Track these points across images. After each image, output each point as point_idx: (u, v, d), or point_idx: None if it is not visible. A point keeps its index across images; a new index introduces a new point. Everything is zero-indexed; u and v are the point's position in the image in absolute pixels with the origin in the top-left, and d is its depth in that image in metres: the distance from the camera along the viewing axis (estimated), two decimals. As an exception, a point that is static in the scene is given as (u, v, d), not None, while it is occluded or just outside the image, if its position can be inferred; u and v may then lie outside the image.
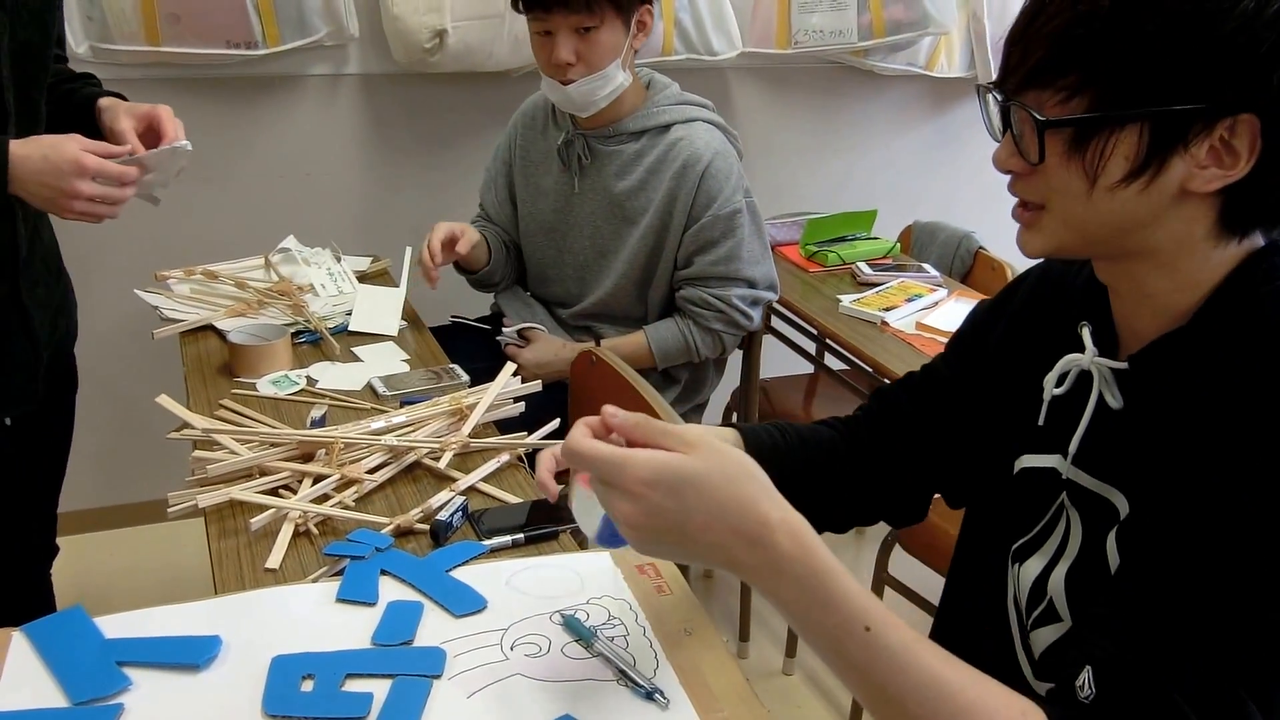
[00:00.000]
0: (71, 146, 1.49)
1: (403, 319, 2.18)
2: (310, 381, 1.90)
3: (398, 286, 2.26)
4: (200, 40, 2.60)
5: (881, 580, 2.31)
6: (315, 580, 1.34)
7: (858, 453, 1.27)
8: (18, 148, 1.48)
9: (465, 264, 2.44)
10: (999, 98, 0.94)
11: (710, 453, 0.86)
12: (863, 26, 3.17)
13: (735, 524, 0.85)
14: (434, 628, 1.22)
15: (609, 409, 0.93)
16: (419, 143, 3.05)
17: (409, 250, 2.34)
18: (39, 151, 1.48)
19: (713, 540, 0.85)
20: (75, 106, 1.73)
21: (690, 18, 3.03)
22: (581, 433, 0.92)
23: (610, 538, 0.96)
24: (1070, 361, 1.02)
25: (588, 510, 0.97)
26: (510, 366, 1.83)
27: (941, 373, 1.25)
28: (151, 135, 1.67)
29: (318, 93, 2.91)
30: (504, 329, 2.35)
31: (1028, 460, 1.08)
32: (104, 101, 1.73)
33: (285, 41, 2.69)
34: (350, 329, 2.11)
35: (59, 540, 2.05)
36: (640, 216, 2.23)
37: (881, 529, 2.32)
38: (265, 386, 1.86)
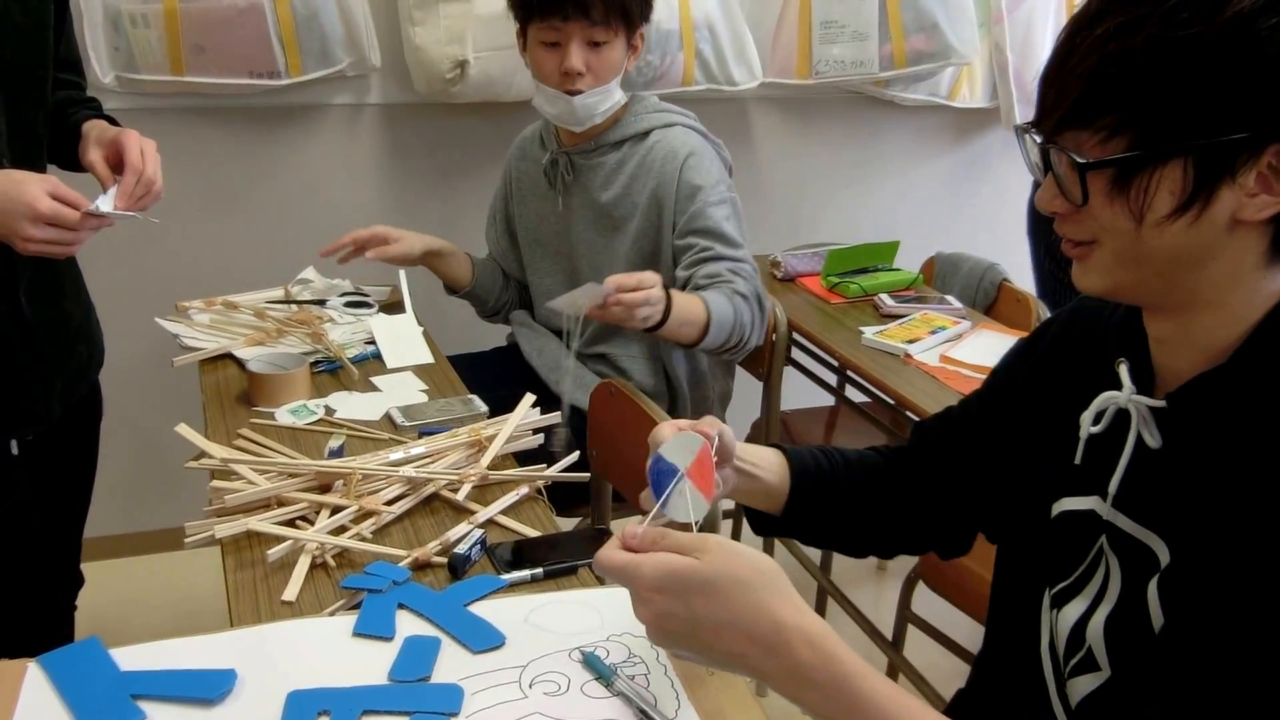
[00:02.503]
0: (32, 189, 1.47)
1: (420, 347, 2.18)
2: (329, 411, 1.89)
3: (405, 312, 2.28)
4: (224, 70, 2.62)
5: (905, 618, 2.27)
6: (332, 614, 1.33)
7: (901, 483, 1.27)
8: None
9: (449, 281, 2.47)
10: (1037, 139, 0.93)
11: (720, 557, 0.87)
12: (884, 57, 3.16)
13: (748, 630, 0.85)
14: (451, 664, 1.21)
15: (629, 530, 0.93)
16: (439, 172, 3.05)
17: (402, 274, 2.35)
18: (1, 188, 1.47)
19: (728, 648, 0.86)
20: (68, 132, 1.74)
21: (711, 49, 3.02)
22: (611, 545, 0.93)
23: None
24: (1107, 399, 1.00)
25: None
26: (529, 398, 1.81)
27: (973, 410, 1.25)
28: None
29: (339, 122, 2.92)
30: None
31: (1067, 503, 1.06)
32: (85, 126, 1.73)
33: (307, 72, 2.70)
34: (390, 366, 2.10)
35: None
36: (627, 224, 2.22)
37: (904, 566, 2.29)
38: (284, 416, 1.85)
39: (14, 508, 1.75)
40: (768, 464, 1.24)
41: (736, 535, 2.77)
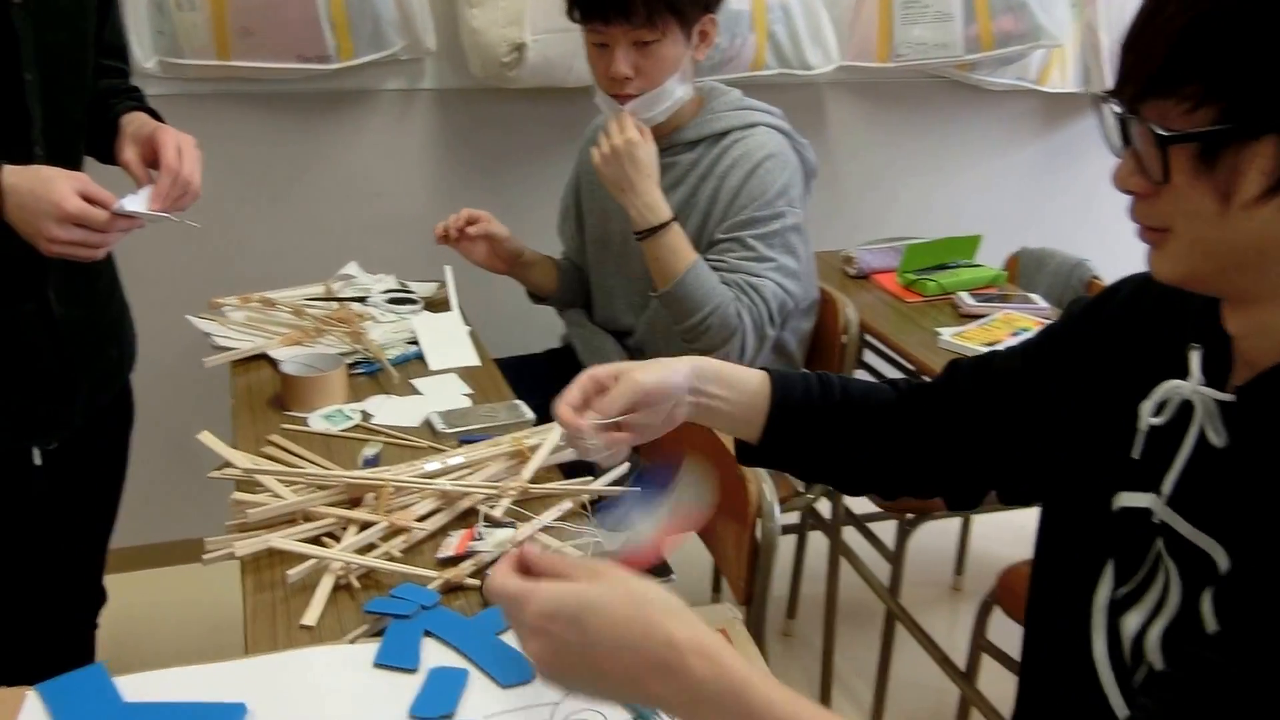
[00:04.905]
0: (60, 187, 1.41)
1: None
2: (365, 416, 1.80)
3: (451, 310, 2.21)
4: (272, 54, 2.55)
5: (979, 647, 2.15)
6: (353, 641, 1.27)
7: (917, 420, 1.20)
8: (11, 175, 1.41)
9: (534, 288, 2.40)
10: (1116, 109, 0.84)
11: (613, 580, 0.84)
12: (969, 39, 3.05)
13: (640, 648, 0.81)
14: (478, 699, 1.15)
15: (527, 546, 0.91)
16: (496, 161, 2.98)
17: (449, 269, 2.28)
18: (28, 184, 1.41)
19: (623, 673, 0.82)
20: (108, 125, 1.67)
21: (785, 30, 2.92)
22: (502, 570, 0.88)
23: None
24: (1171, 389, 0.91)
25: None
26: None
27: (1017, 364, 1.16)
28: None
29: (391, 109, 2.85)
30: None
31: (1126, 499, 0.97)
32: (123, 120, 1.66)
33: (359, 55, 2.64)
34: (432, 368, 2.02)
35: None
36: (685, 225, 2.11)
37: (980, 588, 2.16)
38: (317, 421, 1.77)
39: (35, 522, 1.69)
40: (742, 390, 1.17)
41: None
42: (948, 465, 1.19)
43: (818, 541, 2.73)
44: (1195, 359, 0.91)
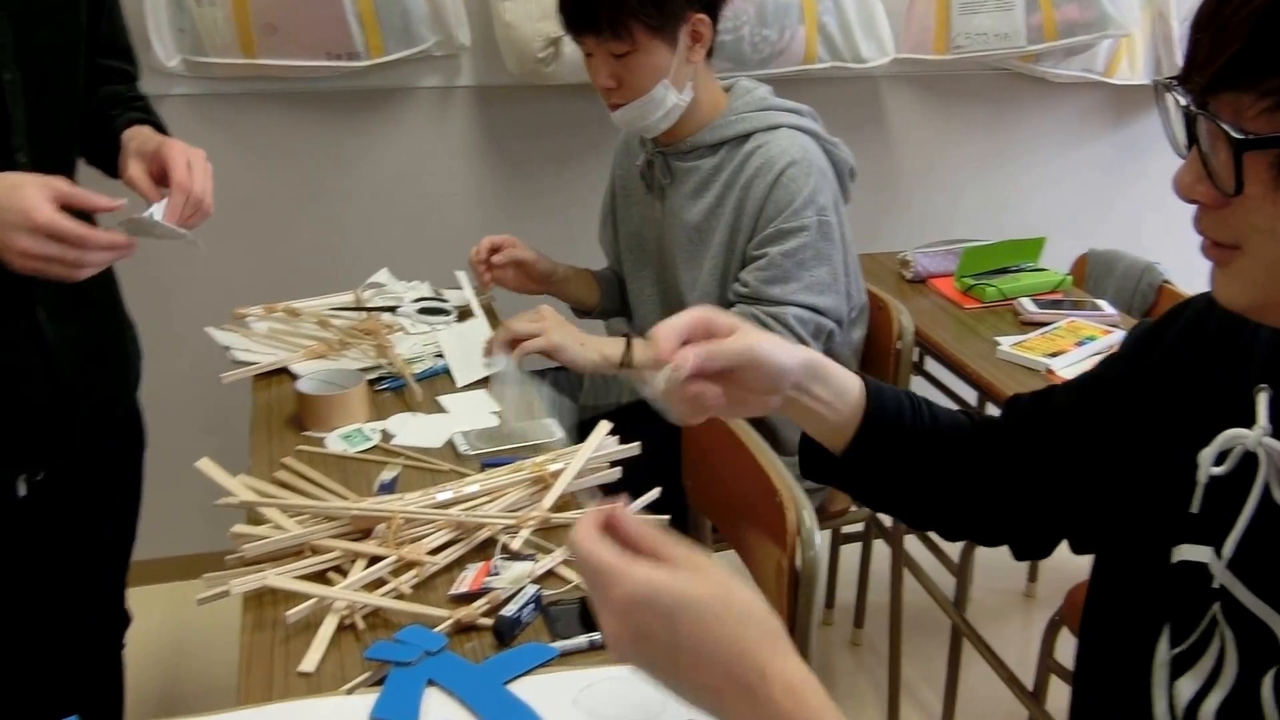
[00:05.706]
0: (31, 194, 1.29)
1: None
2: (385, 436, 1.71)
3: (475, 317, 2.11)
4: (298, 52, 2.49)
5: (1048, 667, 2.06)
6: (350, 691, 1.18)
7: (980, 461, 1.10)
8: None
9: (576, 304, 2.33)
10: (1182, 100, 0.73)
11: (715, 582, 0.76)
12: (1032, 28, 2.93)
13: (730, 667, 0.74)
14: (479, 759, 1.07)
15: (620, 511, 0.81)
16: (536, 162, 2.90)
17: (462, 275, 2.18)
18: None
19: (703, 681, 0.75)
20: (112, 138, 1.58)
21: (836, 21, 2.82)
22: (590, 531, 0.78)
23: None
24: (1233, 438, 0.83)
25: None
26: (605, 425, 1.61)
27: (1073, 401, 1.06)
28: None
29: (425, 108, 2.78)
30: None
31: (1186, 552, 0.89)
32: (126, 135, 1.57)
33: (389, 52, 2.57)
34: (460, 384, 1.92)
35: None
36: (712, 237, 2.04)
37: (1051, 601, 2.07)
38: (335, 442, 1.68)
39: (37, 550, 1.62)
40: (843, 396, 1.06)
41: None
42: (1009, 511, 1.10)
43: (884, 549, 2.64)
44: (1263, 403, 0.82)
